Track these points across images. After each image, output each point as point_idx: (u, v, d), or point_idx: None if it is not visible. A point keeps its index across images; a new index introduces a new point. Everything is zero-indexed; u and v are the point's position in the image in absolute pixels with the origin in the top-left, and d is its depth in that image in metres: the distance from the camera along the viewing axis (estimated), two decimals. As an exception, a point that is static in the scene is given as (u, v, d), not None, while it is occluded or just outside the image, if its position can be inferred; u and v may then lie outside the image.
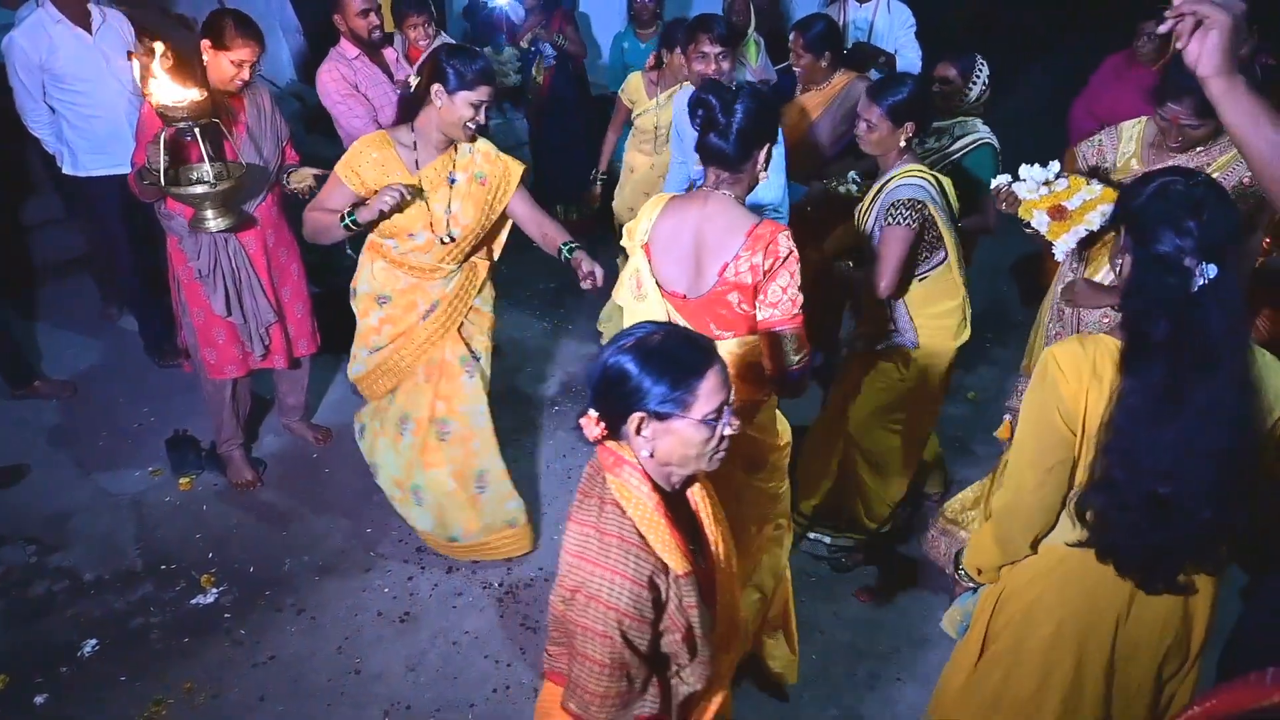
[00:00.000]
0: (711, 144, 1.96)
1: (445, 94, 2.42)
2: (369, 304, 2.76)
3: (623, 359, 1.38)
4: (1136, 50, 4.14)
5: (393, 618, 2.83)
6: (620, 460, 1.43)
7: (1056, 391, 1.58)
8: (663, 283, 2.08)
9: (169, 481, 3.38)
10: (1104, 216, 2.14)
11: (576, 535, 1.42)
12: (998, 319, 4.61)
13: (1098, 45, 4.69)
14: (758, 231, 1.95)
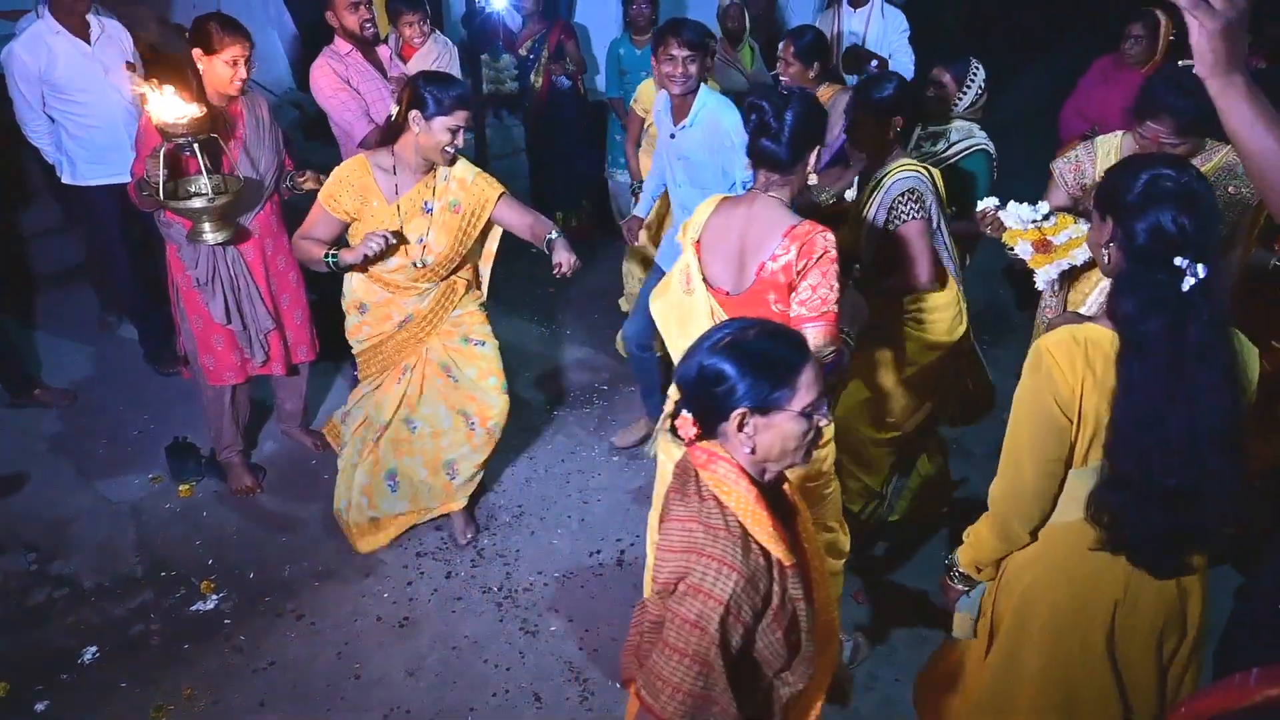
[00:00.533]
0: (765, 148, 2.04)
1: (423, 120, 2.48)
2: (353, 309, 2.88)
3: (720, 359, 1.38)
4: (1124, 52, 4.16)
5: (392, 623, 2.83)
6: (714, 456, 1.42)
7: (1052, 382, 1.60)
8: (709, 279, 2.18)
9: (169, 488, 3.39)
10: (1087, 253, 2.14)
11: (678, 529, 1.40)
12: (996, 322, 4.62)
13: (1095, 45, 4.71)
14: (796, 230, 2.02)
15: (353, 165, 2.63)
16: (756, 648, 1.41)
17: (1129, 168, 1.62)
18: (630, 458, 3.66)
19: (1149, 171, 1.56)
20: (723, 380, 1.37)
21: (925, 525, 3.25)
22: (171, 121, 2.57)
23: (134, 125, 3.27)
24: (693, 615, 1.33)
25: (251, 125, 2.95)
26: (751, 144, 2.07)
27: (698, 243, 2.19)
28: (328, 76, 3.36)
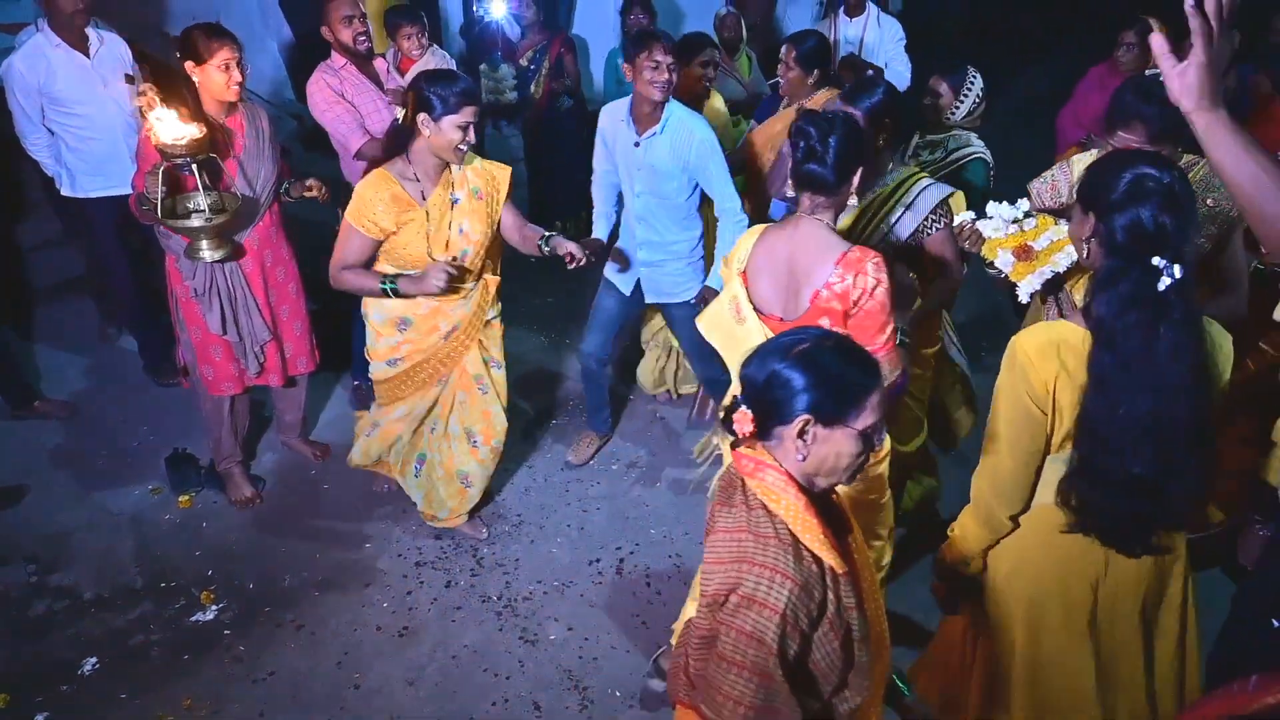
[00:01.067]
0: (812, 171, 2.06)
1: (432, 122, 2.47)
2: (388, 329, 2.81)
3: (796, 367, 1.36)
4: (1118, 59, 4.19)
5: (392, 632, 2.84)
6: (761, 464, 1.40)
7: (1026, 378, 1.69)
8: (759, 306, 2.19)
9: (168, 499, 3.39)
10: (1070, 258, 2.13)
11: (727, 540, 1.37)
12: (993, 328, 4.63)
13: (1094, 48, 4.74)
14: (849, 257, 2.04)
15: (376, 182, 2.58)
16: (813, 658, 1.38)
17: (1113, 164, 1.65)
18: (628, 465, 3.67)
19: (1133, 169, 1.59)
20: (794, 387, 1.36)
21: (919, 545, 3.26)
22: (170, 142, 2.60)
23: (133, 137, 3.29)
24: (749, 627, 1.29)
25: (252, 136, 2.97)
26: (798, 168, 2.09)
27: (744, 272, 2.20)
28: (323, 91, 3.38)
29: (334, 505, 3.40)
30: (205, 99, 2.84)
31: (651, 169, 3.13)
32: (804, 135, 2.06)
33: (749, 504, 1.39)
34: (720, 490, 1.46)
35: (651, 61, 2.97)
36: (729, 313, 2.25)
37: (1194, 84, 1.26)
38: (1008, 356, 1.75)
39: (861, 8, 4.93)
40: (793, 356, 1.37)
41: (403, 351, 2.83)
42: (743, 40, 4.98)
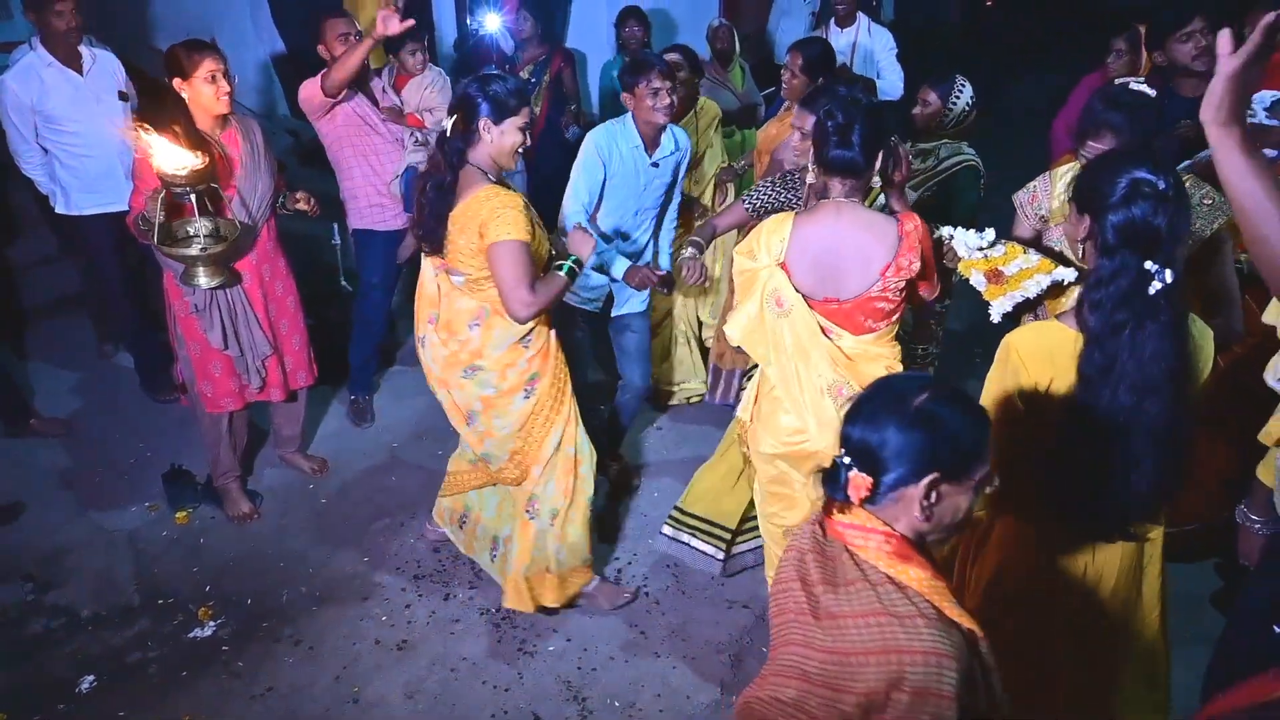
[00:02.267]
0: (842, 157, 2.11)
1: (494, 126, 2.34)
2: (514, 353, 2.55)
3: (917, 423, 1.28)
4: (1109, 66, 4.21)
5: (390, 645, 2.83)
6: (870, 531, 1.30)
7: (1017, 379, 1.73)
8: (807, 294, 2.20)
9: (166, 516, 3.39)
10: (1039, 286, 2.16)
11: (862, 628, 1.23)
12: (986, 335, 4.63)
13: (1088, 57, 4.76)
14: (906, 228, 2.14)
15: (500, 193, 2.35)
16: None
17: (1110, 166, 1.67)
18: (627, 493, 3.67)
19: (1129, 173, 1.62)
20: (919, 447, 1.28)
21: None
22: (172, 172, 2.61)
23: (128, 154, 3.30)
24: None
25: (248, 150, 2.98)
26: (827, 154, 2.13)
27: (784, 263, 2.20)
28: (314, 91, 3.38)
29: (332, 520, 3.40)
30: (197, 115, 2.85)
31: (664, 185, 3.26)
32: (831, 119, 2.11)
33: (870, 579, 1.27)
34: (810, 566, 1.33)
35: (650, 89, 3.02)
36: (770, 309, 2.21)
37: (1216, 96, 1.25)
38: (1000, 355, 1.79)
39: (853, 18, 4.96)
40: (912, 415, 1.29)
41: (533, 365, 2.59)
42: (736, 51, 5.01)
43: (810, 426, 2.25)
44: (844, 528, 1.33)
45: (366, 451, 3.81)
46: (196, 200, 2.73)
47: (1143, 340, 1.60)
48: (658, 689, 2.68)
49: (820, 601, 1.29)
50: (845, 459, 1.32)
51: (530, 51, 5.21)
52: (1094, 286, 1.65)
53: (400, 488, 3.57)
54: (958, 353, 4.48)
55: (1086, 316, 1.67)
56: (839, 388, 2.21)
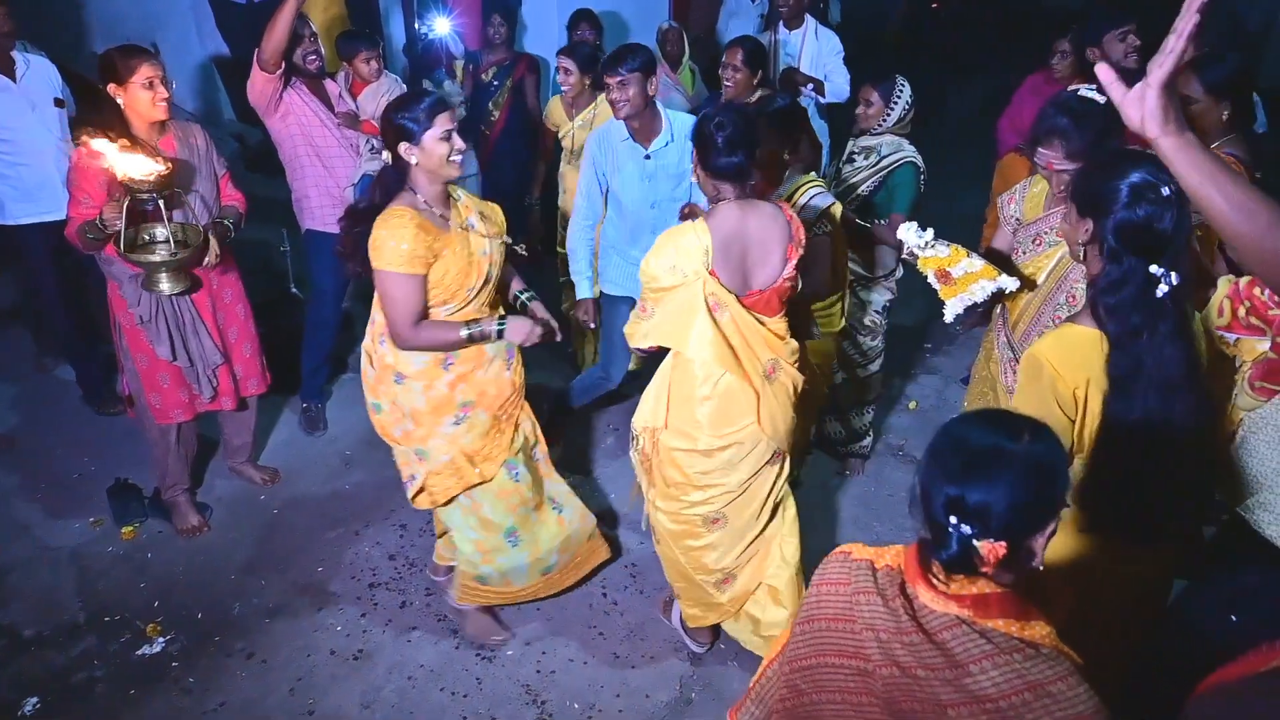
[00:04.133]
0: (731, 164, 2.23)
1: (414, 147, 2.34)
2: (433, 373, 2.51)
3: (1034, 478, 1.20)
4: (1053, 68, 4.32)
5: (346, 656, 2.79)
6: (988, 598, 1.23)
7: (1055, 387, 1.70)
8: (735, 291, 2.29)
9: (111, 531, 3.30)
10: (985, 292, 2.21)
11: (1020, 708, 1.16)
12: (936, 330, 4.74)
13: (1021, 62, 4.89)
14: (788, 212, 2.33)
15: (402, 219, 2.32)
16: None
17: (1115, 168, 1.67)
18: (583, 476, 3.67)
19: (1132, 176, 1.62)
20: (1047, 495, 1.22)
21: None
22: (139, 178, 2.57)
23: (64, 163, 3.22)
24: None
25: (185, 157, 2.93)
26: (719, 161, 2.22)
27: (713, 269, 2.25)
28: (266, 85, 3.32)
29: (284, 530, 3.34)
30: (134, 121, 2.79)
31: (669, 176, 3.20)
32: (721, 132, 2.20)
33: (1006, 650, 1.19)
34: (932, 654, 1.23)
35: (607, 86, 3.06)
36: (701, 315, 2.25)
37: (1156, 108, 1.18)
38: (1029, 368, 1.74)
39: (800, 20, 5.01)
40: (1029, 467, 1.21)
41: (459, 390, 2.53)
42: (685, 54, 5.05)
43: (761, 410, 2.35)
44: (979, 601, 1.23)
45: (319, 460, 3.76)
46: (162, 209, 2.70)
47: (1159, 342, 1.62)
48: (617, 689, 2.68)
49: (944, 686, 1.21)
50: (964, 527, 1.20)
51: (496, 55, 5.20)
52: (1105, 291, 1.65)
53: (354, 496, 3.53)
54: (906, 348, 4.57)
55: (1105, 321, 1.67)
56: (771, 366, 2.36)
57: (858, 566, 1.35)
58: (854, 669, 1.31)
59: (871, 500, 3.55)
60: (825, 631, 1.34)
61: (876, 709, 1.29)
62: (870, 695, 1.29)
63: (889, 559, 1.36)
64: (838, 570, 1.37)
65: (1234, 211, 1.20)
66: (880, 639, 1.27)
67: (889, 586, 1.30)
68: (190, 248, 2.81)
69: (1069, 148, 2.16)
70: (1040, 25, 7.56)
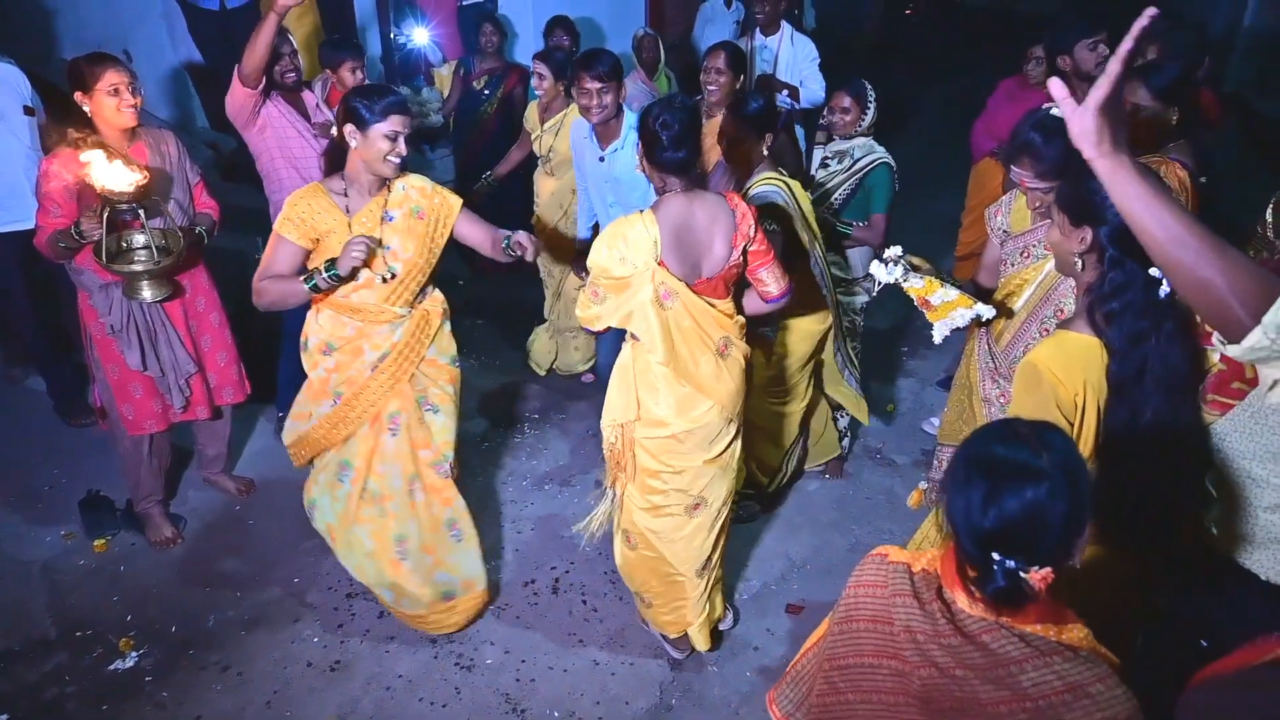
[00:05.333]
0: (676, 158, 2.31)
1: (359, 133, 2.42)
2: (318, 355, 2.66)
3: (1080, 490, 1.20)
4: (1027, 74, 4.37)
5: (323, 667, 2.77)
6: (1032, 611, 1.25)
7: (1057, 394, 1.69)
8: (683, 279, 2.36)
9: (83, 544, 3.26)
10: (965, 319, 2.26)
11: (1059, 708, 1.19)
12: (912, 333, 4.77)
13: (993, 65, 4.94)
14: (733, 202, 2.40)
15: (305, 191, 2.52)
16: None
17: None
18: (561, 484, 3.66)
19: None
20: (1083, 505, 1.22)
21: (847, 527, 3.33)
22: (118, 189, 2.56)
23: (34, 171, 3.18)
24: None
25: (156, 165, 2.90)
26: (664, 155, 2.30)
27: (662, 260, 2.33)
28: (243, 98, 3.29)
29: (260, 541, 3.31)
30: (103, 129, 2.77)
31: (617, 181, 3.29)
32: (668, 131, 2.28)
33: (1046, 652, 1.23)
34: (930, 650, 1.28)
35: (581, 89, 3.13)
36: (649, 305, 2.31)
37: (1091, 128, 1.19)
38: (1027, 377, 1.73)
39: (776, 26, 5.04)
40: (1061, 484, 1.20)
41: (334, 381, 2.64)
42: (661, 60, 5.07)
43: (712, 394, 2.44)
44: (1033, 613, 1.26)
45: (295, 470, 3.69)
46: (143, 218, 2.70)
47: (1163, 344, 1.63)
48: (597, 696, 2.68)
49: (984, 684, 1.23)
50: (1009, 563, 1.21)
51: (488, 64, 5.22)
52: (1106, 298, 1.66)
53: (332, 505, 3.50)
54: (883, 351, 4.60)
55: (1104, 328, 1.67)
56: (724, 344, 2.45)
57: (895, 570, 1.37)
58: (891, 669, 1.33)
59: (850, 504, 3.56)
60: (863, 633, 1.36)
61: (913, 709, 1.30)
62: (906, 695, 1.31)
63: (925, 563, 1.38)
64: (874, 573, 1.39)
65: (1167, 239, 1.19)
66: (917, 640, 1.29)
67: (925, 590, 1.32)
68: (172, 254, 2.79)
69: (1038, 167, 2.17)
70: (1012, 30, 7.66)
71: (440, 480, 2.76)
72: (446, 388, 2.77)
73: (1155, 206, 1.19)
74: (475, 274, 5.03)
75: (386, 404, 2.67)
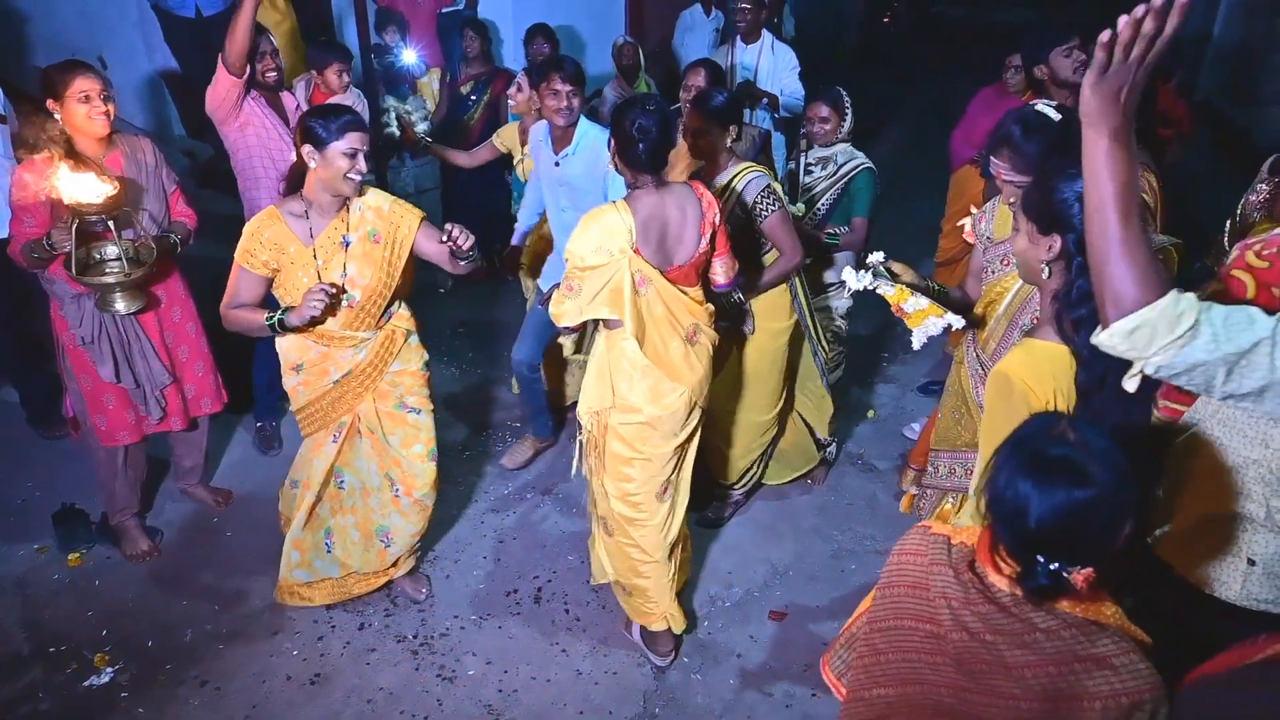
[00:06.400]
0: (650, 157, 2.41)
1: (317, 153, 2.42)
2: (288, 371, 2.74)
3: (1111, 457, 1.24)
4: (1006, 82, 4.42)
5: (303, 680, 2.74)
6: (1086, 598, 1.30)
7: (1028, 402, 1.69)
8: (657, 267, 2.46)
9: (56, 558, 3.20)
10: (938, 327, 2.28)
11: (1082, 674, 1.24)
12: (893, 339, 4.80)
13: (966, 76, 5.00)
14: (699, 191, 2.53)
15: (262, 217, 2.54)
16: None
17: (1065, 181, 1.67)
18: (543, 493, 3.65)
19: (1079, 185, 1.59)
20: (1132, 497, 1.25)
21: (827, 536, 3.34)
22: (87, 201, 2.54)
23: (6, 180, 3.14)
24: None
25: (132, 173, 2.86)
26: (644, 156, 2.40)
27: (637, 248, 2.42)
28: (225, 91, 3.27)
29: (238, 553, 3.27)
30: (76, 137, 2.73)
31: (570, 186, 3.31)
32: (646, 138, 2.37)
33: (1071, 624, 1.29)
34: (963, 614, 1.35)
35: (550, 90, 3.14)
36: (625, 292, 2.39)
37: (1085, 99, 1.29)
38: (999, 386, 1.74)
39: (757, 35, 5.08)
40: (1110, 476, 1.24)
41: (301, 396, 2.74)
42: (641, 68, 5.08)
43: (681, 379, 2.56)
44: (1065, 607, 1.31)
45: (274, 480, 3.64)
46: (114, 230, 2.67)
47: None
48: (580, 706, 2.66)
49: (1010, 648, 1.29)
50: (1053, 565, 1.25)
51: (473, 69, 5.22)
52: (1073, 305, 1.65)
53: (311, 516, 3.46)
54: (864, 357, 4.62)
55: (1072, 335, 1.67)
56: (692, 330, 2.56)
57: (935, 540, 1.46)
58: (927, 632, 1.41)
59: (832, 509, 3.57)
60: (903, 598, 1.44)
61: (950, 669, 1.38)
62: (943, 656, 1.39)
63: (965, 536, 1.46)
64: (917, 542, 1.48)
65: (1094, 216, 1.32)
66: (952, 606, 1.36)
67: (960, 562, 1.41)
68: (144, 265, 2.76)
69: (1015, 159, 2.18)
70: (987, 39, 7.74)
71: (429, 468, 2.87)
72: (422, 391, 2.86)
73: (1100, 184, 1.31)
74: (457, 282, 5.03)
75: (359, 414, 2.78)
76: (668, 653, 2.80)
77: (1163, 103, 4.46)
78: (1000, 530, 1.32)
